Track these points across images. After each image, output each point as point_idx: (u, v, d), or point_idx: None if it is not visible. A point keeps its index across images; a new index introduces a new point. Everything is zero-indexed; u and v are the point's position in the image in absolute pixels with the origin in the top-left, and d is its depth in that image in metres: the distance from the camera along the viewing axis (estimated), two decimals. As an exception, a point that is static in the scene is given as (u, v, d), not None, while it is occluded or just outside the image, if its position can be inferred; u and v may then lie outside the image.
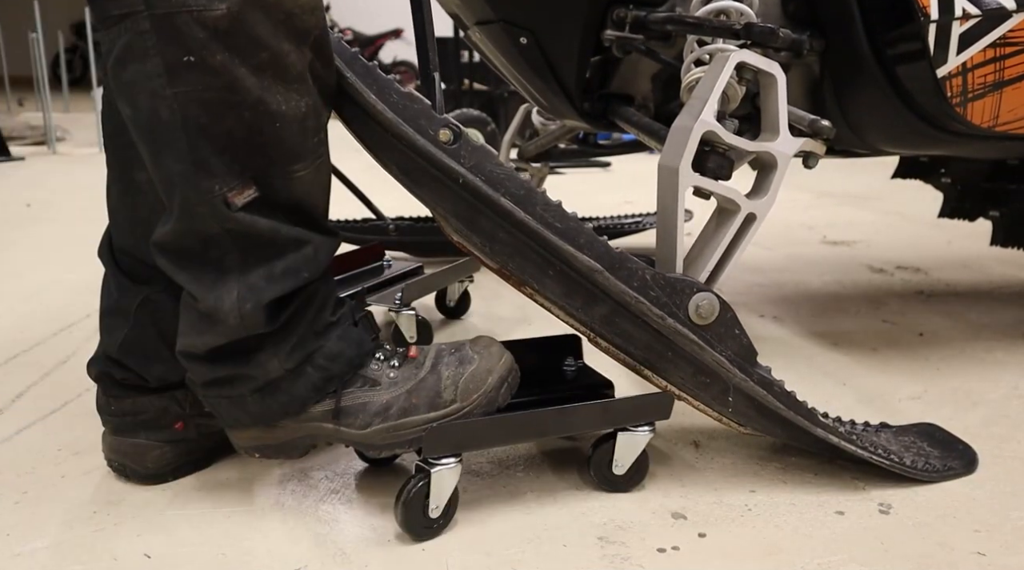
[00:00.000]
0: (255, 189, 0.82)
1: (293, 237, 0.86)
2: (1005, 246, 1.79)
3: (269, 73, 0.80)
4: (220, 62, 0.77)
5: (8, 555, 0.87)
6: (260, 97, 0.79)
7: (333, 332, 0.91)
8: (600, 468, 0.99)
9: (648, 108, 1.47)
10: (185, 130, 0.78)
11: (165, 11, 0.75)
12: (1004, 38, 1.13)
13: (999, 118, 1.17)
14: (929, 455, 1.07)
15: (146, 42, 0.76)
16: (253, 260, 0.85)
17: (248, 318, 0.85)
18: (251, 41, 0.78)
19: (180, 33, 0.75)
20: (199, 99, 0.78)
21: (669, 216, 0.97)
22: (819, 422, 1.00)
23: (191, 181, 0.80)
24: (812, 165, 1.03)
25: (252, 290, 0.84)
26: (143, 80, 0.78)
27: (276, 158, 0.83)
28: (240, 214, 0.82)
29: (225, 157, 0.80)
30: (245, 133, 0.80)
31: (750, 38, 1.00)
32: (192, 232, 0.83)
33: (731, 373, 0.96)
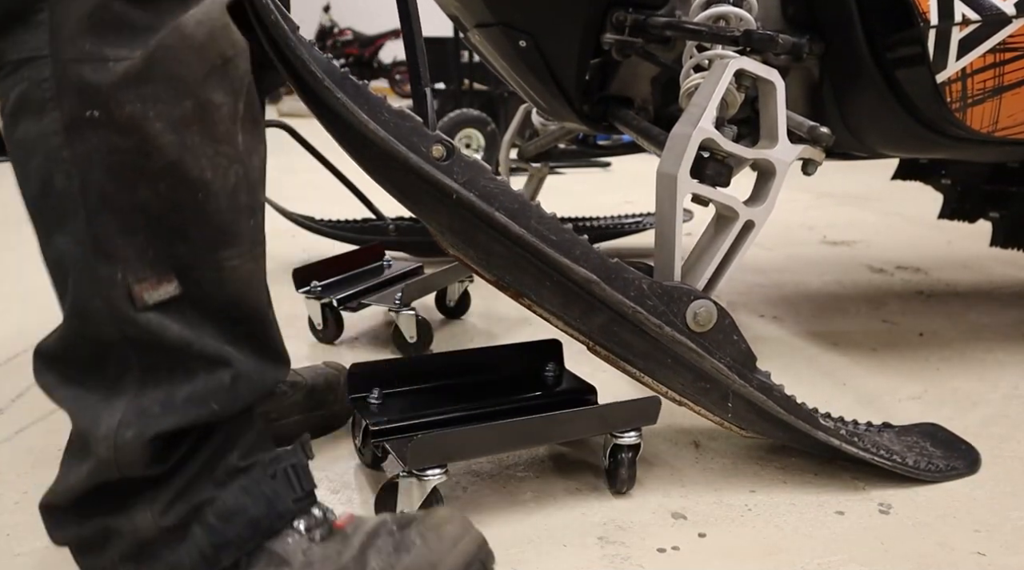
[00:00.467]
0: (176, 284, 0.65)
1: (209, 354, 0.67)
2: (1005, 247, 1.79)
3: (193, 129, 0.64)
4: (129, 114, 0.62)
5: (8, 555, 0.87)
6: (179, 159, 0.63)
7: (236, 481, 0.69)
8: None
9: (647, 111, 1.47)
10: (84, 201, 0.62)
11: (72, 57, 0.61)
12: (1004, 43, 1.13)
13: (998, 123, 1.17)
14: (932, 455, 1.07)
15: (44, 93, 0.62)
16: (152, 379, 0.66)
17: (124, 451, 0.65)
18: (171, 86, 0.63)
19: (84, 81, 0.61)
20: (104, 163, 0.62)
21: (667, 223, 0.97)
22: (820, 425, 1.00)
23: (87, 266, 0.63)
24: (811, 172, 1.03)
25: (140, 416, 0.65)
26: (37, 139, 0.63)
27: (201, 242, 0.66)
28: (146, 315, 0.64)
29: (135, 238, 0.64)
30: (162, 208, 0.64)
31: (749, 45, 1.00)
32: (83, 337, 0.66)
33: (730, 379, 0.96)
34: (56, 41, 0.61)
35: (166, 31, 0.62)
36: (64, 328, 0.67)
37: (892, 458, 1.02)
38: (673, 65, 1.26)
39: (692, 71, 1.08)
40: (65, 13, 0.61)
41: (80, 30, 0.61)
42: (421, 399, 1.04)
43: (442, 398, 1.04)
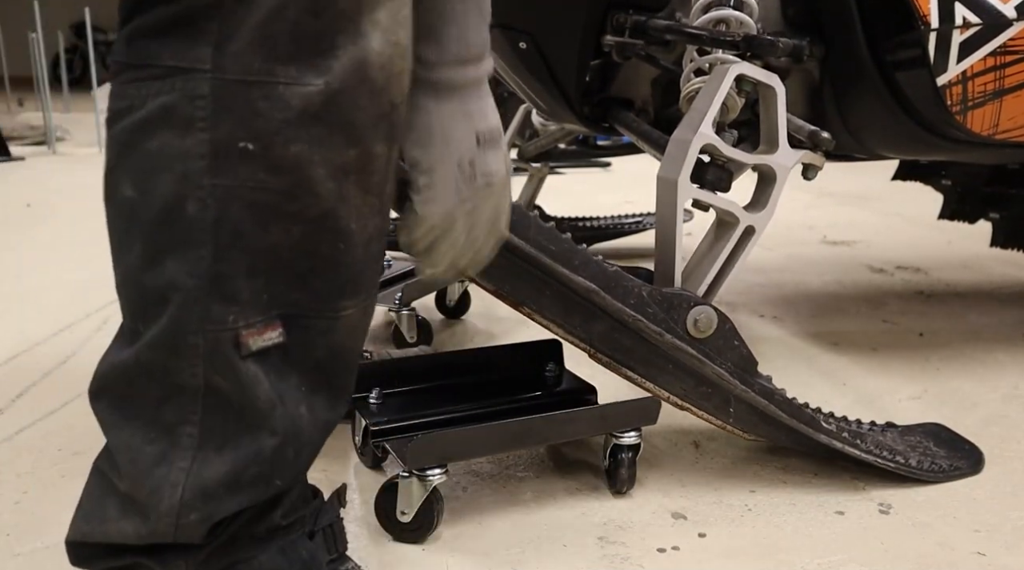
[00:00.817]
0: (281, 332, 0.61)
1: (290, 420, 0.63)
2: (1005, 248, 1.79)
3: (352, 178, 0.60)
4: (293, 155, 0.57)
5: (8, 555, 0.87)
6: (332, 209, 0.59)
7: (276, 541, 0.67)
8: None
9: (648, 112, 1.47)
10: (215, 235, 0.57)
11: (238, 78, 0.55)
12: (1004, 46, 1.13)
13: (999, 126, 1.17)
14: (935, 455, 1.07)
15: (197, 110, 0.56)
16: (216, 443, 0.61)
17: (185, 530, 0.61)
18: (341, 132, 0.58)
19: (251, 109, 0.56)
20: (247, 199, 0.57)
21: (668, 228, 0.97)
22: (822, 428, 1.00)
23: (199, 302, 0.58)
24: (811, 177, 1.03)
25: (205, 498, 0.61)
26: (174, 157, 0.57)
27: (325, 291, 0.62)
28: (247, 365, 0.60)
29: (257, 281, 0.59)
30: (292, 253, 0.60)
31: (750, 50, 1.00)
32: (160, 372, 0.60)
33: (732, 384, 0.96)
34: (221, 56, 0.55)
35: (347, 64, 0.57)
36: (135, 357, 0.61)
37: (895, 459, 1.02)
38: (673, 67, 1.26)
39: (693, 75, 1.08)
40: (236, 23, 0.55)
41: (250, 43, 0.55)
42: (421, 399, 1.04)
43: (442, 398, 1.04)
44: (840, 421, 1.08)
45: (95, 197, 0.93)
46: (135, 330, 0.61)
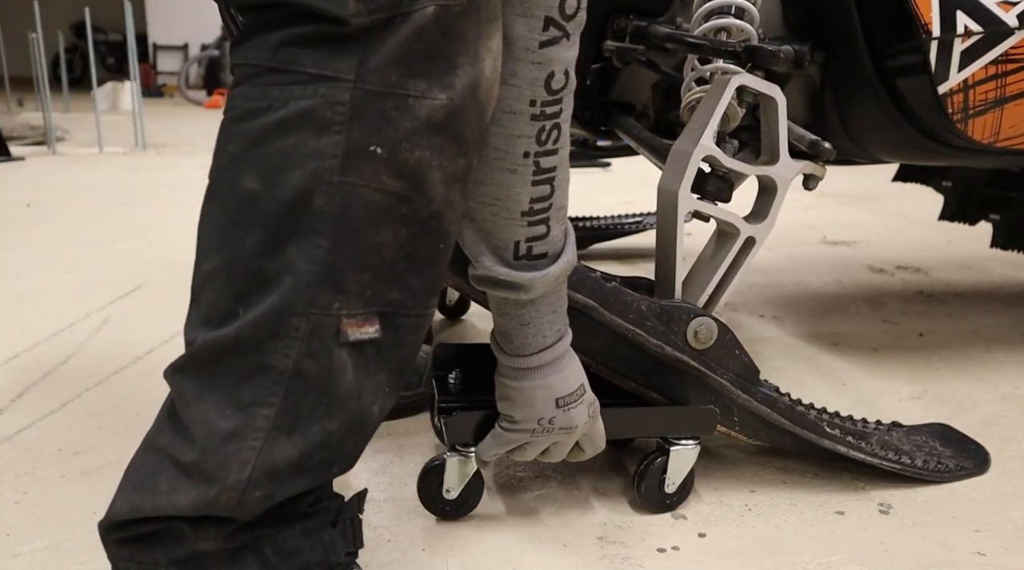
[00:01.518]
0: (378, 328, 0.66)
1: (359, 414, 0.67)
2: (1005, 249, 1.79)
3: (458, 187, 0.67)
4: (416, 161, 0.63)
5: (8, 555, 0.87)
6: (441, 212, 0.65)
7: (299, 524, 0.71)
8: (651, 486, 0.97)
9: (648, 116, 1.47)
10: (336, 226, 0.62)
11: (377, 89, 0.61)
12: (1006, 55, 1.12)
13: (1000, 134, 1.17)
14: (941, 455, 1.07)
15: (336, 115, 0.61)
16: (285, 426, 0.64)
17: (246, 506, 0.65)
18: (456, 144, 0.65)
19: (384, 117, 0.62)
20: (367, 198, 0.62)
21: (668, 240, 0.97)
22: (826, 433, 1.00)
23: (311, 286, 0.62)
24: (812, 187, 1.02)
25: (272, 479, 0.64)
26: (309, 155, 0.61)
27: (421, 290, 0.67)
28: (342, 352, 0.64)
29: (364, 275, 0.64)
30: (396, 253, 0.65)
31: (751, 61, 0.99)
32: (254, 349, 0.63)
33: (734, 394, 0.96)
34: (363, 69, 0.61)
35: (465, 83, 0.64)
36: (234, 333, 0.63)
37: (900, 460, 1.02)
38: (673, 73, 1.26)
39: (694, 83, 1.08)
40: (380, 43, 0.61)
41: (390, 60, 0.61)
42: None
43: None
44: (846, 421, 1.08)
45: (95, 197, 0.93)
46: (233, 313, 0.64)
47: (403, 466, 1.06)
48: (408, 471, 1.05)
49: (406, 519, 0.94)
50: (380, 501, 0.98)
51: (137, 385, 1.32)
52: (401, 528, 0.92)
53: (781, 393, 1.01)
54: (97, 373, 1.36)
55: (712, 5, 1.02)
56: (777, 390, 1.01)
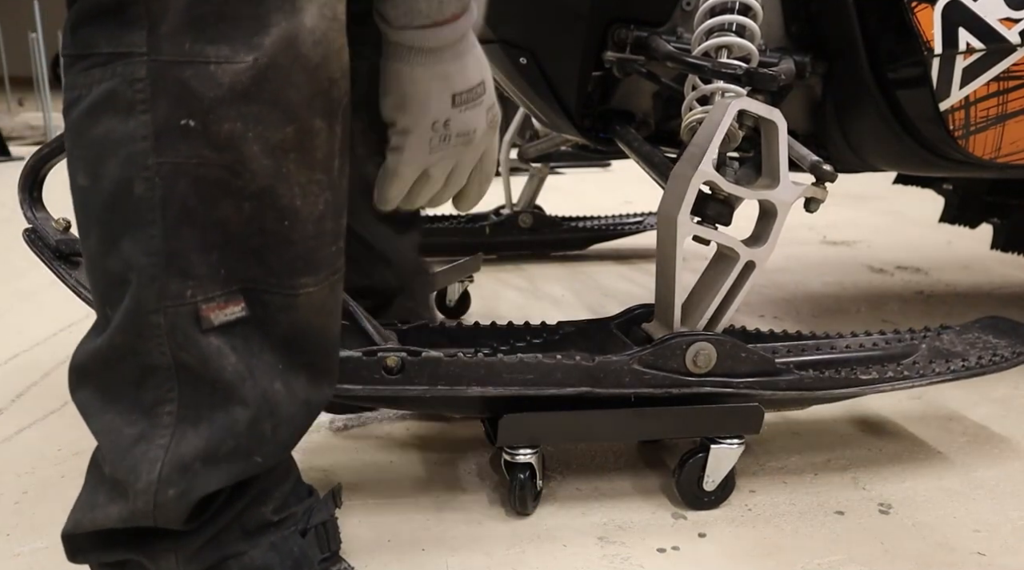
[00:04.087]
0: (243, 307, 0.62)
1: (256, 397, 0.63)
2: (1005, 251, 1.79)
3: (291, 155, 0.60)
4: (228, 132, 0.57)
5: (8, 555, 0.87)
6: (271, 186, 0.60)
7: (267, 537, 0.68)
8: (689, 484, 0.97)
9: (648, 125, 1.47)
10: (164, 211, 0.58)
11: (172, 58, 0.56)
12: (1008, 72, 1.12)
13: (1001, 150, 1.17)
14: (996, 347, 1.08)
15: (136, 94, 0.57)
16: (191, 418, 0.62)
17: (163, 509, 0.62)
18: (276, 109, 0.58)
19: (185, 88, 0.56)
20: (192, 175, 0.58)
21: (668, 264, 0.97)
22: (861, 381, 1.00)
23: (156, 279, 0.59)
24: (813, 209, 1.02)
25: (183, 473, 0.61)
26: (119, 141, 0.58)
27: (278, 267, 0.62)
28: (208, 338, 0.61)
29: (210, 256, 0.60)
30: (243, 229, 0.60)
31: (751, 84, 0.99)
32: (130, 354, 0.61)
33: (760, 394, 0.95)
34: (154, 39, 0.56)
35: (278, 41, 0.57)
36: (108, 341, 0.62)
37: (950, 366, 1.02)
38: (674, 84, 1.25)
39: (696, 103, 1.07)
40: (162, 6, 0.56)
41: (180, 25, 0.56)
42: None
43: None
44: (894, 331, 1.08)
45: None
46: (106, 316, 0.62)
47: (402, 466, 1.06)
48: (406, 471, 1.05)
49: (406, 519, 0.94)
50: (380, 502, 0.98)
51: (137, 385, 1.31)
52: (401, 528, 0.92)
53: (802, 366, 1.01)
54: (97, 373, 1.36)
55: (713, 22, 1.01)
56: (796, 366, 1.00)
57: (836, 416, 1.22)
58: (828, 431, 1.18)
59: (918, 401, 1.29)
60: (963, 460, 1.10)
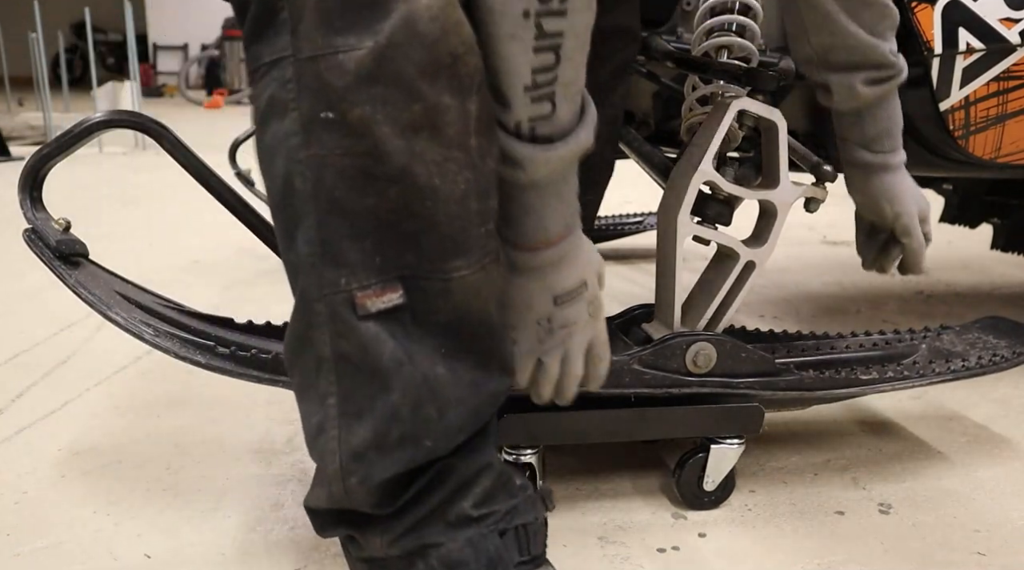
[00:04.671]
0: (401, 293, 0.63)
1: (421, 377, 0.64)
2: (1006, 251, 1.80)
3: (423, 134, 0.61)
4: (359, 117, 0.59)
5: (8, 555, 0.87)
6: (407, 165, 0.61)
7: (465, 531, 0.69)
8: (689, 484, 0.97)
9: (648, 125, 1.47)
10: (315, 202, 0.61)
11: (310, 54, 0.59)
12: (1008, 72, 1.12)
13: (1001, 150, 1.17)
14: (996, 347, 1.08)
15: (288, 94, 0.61)
16: (353, 409, 0.64)
17: (353, 493, 0.66)
18: (400, 89, 0.60)
19: (321, 81, 0.59)
20: (336, 165, 0.60)
21: (668, 264, 0.97)
22: (860, 381, 1.00)
23: (314, 269, 0.62)
24: (813, 209, 1.02)
25: (357, 462, 0.65)
26: (280, 141, 0.62)
27: (430, 251, 0.63)
28: (366, 324, 0.62)
29: (363, 243, 0.61)
30: (391, 215, 0.61)
31: (751, 84, 0.99)
32: (309, 343, 0.64)
33: (760, 394, 0.95)
34: (296, 39, 0.60)
35: (397, 22, 0.59)
36: (291, 331, 0.66)
37: (950, 366, 1.02)
38: (674, 85, 1.25)
39: (696, 103, 1.07)
40: (299, 6, 0.59)
41: (313, 23, 0.59)
42: None
43: None
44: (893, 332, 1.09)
45: (95, 197, 0.93)
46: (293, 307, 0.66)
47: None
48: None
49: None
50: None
51: (137, 385, 1.32)
52: (401, 528, 0.92)
53: (802, 366, 1.01)
54: (97, 373, 1.36)
55: (713, 22, 1.01)
56: (796, 366, 1.00)
57: (836, 416, 1.22)
58: (828, 431, 1.18)
59: (918, 401, 1.29)
60: (963, 460, 1.10)
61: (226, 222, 1.05)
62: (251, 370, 0.86)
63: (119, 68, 10.12)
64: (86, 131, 0.84)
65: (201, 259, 2.13)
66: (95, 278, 0.89)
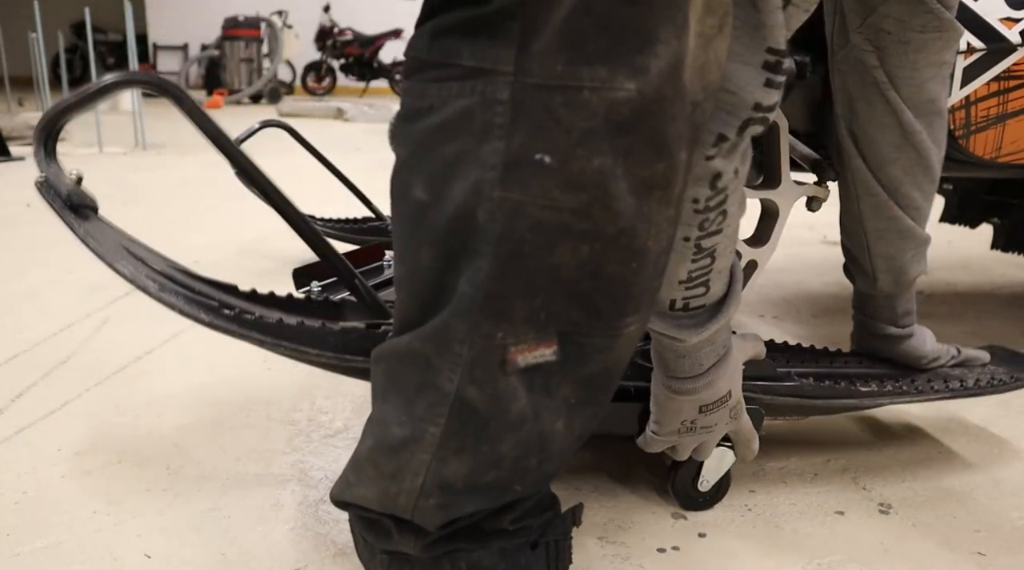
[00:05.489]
0: (555, 350, 0.58)
1: (538, 433, 0.61)
2: (1006, 251, 1.80)
3: (655, 194, 0.54)
4: (595, 169, 0.52)
5: (8, 555, 0.87)
6: (630, 227, 0.54)
7: (499, 542, 0.67)
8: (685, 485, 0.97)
9: None
10: (499, 247, 0.54)
11: (540, 82, 0.51)
12: (1008, 71, 1.12)
13: (1002, 150, 1.17)
14: (994, 372, 1.08)
15: (495, 117, 0.52)
16: (454, 446, 0.60)
17: (421, 513, 0.63)
18: (651, 144, 0.52)
19: (552, 117, 0.51)
20: (535, 217, 0.53)
21: None
22: (860, 393, 1.00)
23: (470, 312, 0.56)
24: (815, 208, 1.02)
25: (444, 490, 0.61)
26: (471, 165, 0.53)
27: (608, 311, 0.58)
28: (510, 379, 0.58)
29: (534, 301, 0.56)
30: (574, 273, 0.55)
31: None
32: (426, 364, 0.59)
33: (760, 397, 0.95)
34: (524, 57, 0.51)
35: (665, 65, 0.50)
36: (409, 342, 0.60)
37: (950, 386, 1.02)
38: None
39: None
40: (540, 21, 0.50)
41: (555, 43, 0.50)
42: None
43: None
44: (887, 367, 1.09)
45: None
46: (416, 322, 0.60)
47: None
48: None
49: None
50: (380, 501, 0.98)
51: (137, 385, 1.31)
52: (401, 528, 0.92)
53: (803, 375, 1.01)
54: (97, 373, 1.36)
55: None
56: (797, 374, 1.00)
57: (836, 416, 1.22)
58: (828, 431, 1.18)
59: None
60: (963, 460, 1.10)
61: (226, 222, 1.05)
62: (254, 332, 0.84)
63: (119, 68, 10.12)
64: (104, 89, 0.84)
65: (201, 259, 2.13)
66: (104, 231, 0.89)
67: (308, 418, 1.20)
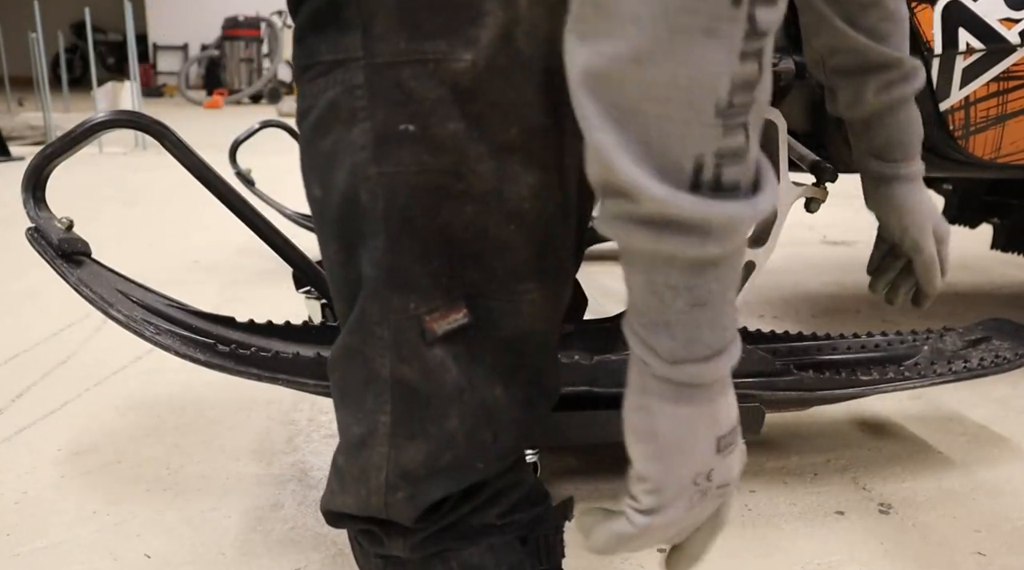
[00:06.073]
0: (465, 312, 0.59)
1: (479, 402, 0.61)
2: (1006, 251, 1.80)
3: (517, 156, 0.56)
4: (451, 133, 0.54)
5: (8, 555, 0.87)
6: (496, 188, 0.56)
7: (487, 538, 0.67)
8: None
9: None
10: (386, 222, 0.56)
11: (387, 60, 0.53)
12: (1008, 72, 1.12)
13: (1001, 150, 1.17)
14: (999, 348, 1.08)
15: (356, 101, 0.55)
16: (406, 432, 0.61)
17: (394, 508, 0.63)
18: (500, 110, 0.55)
19: (403, 91, 0.53)
20: (412, 184, 0.55)
21: None
22: (860, 382, 1.00)
23: (379, 293, 0.58)
24: (814, 209, 1.02)
25: (408, 480, 0.62)
26: (345, 151, 0.56)
27: (501, 272, 0.59)
28: (433, 352, 0.59)
29: (432, 265, 0.57)
30: (465, 234, 0.57)
31: None
32: (361, 356, 0.61)
33: (760, 394, 0.95)
34: (369, 41, 0.54)
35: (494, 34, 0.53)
36: (342, 342, 0.62)
37: (952, 367, 1.02)
38: None
39: None
40: (375, 4, 0.53)
41: (393, 23, 0.53)
42: None
43: None
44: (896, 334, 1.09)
45: (95, 197, 0.93)
46: (344, 318, 0.63)
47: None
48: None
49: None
50: (380, 501, 0.98)
51: (137, 385, 1.32)
52: (401, 528, 0.92)
53: (802, 367, 1.01)
54: (97, 373, 1.36)
55: None
56: (796, 367, 0.99)
57: (836, 416, 1.22)
58: (828, 431, 1.18)
59: (918, 401, 1.29)
60: (963, 460, 1.10)
61: (226, 222, 1.05)
62: (251, 368, 0.86)
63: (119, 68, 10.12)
64: (88, 131, 0.84)
65: (201, 259, 2.13)
66: (97, 276, 0.89)
67: (308, 418, 1.20)
